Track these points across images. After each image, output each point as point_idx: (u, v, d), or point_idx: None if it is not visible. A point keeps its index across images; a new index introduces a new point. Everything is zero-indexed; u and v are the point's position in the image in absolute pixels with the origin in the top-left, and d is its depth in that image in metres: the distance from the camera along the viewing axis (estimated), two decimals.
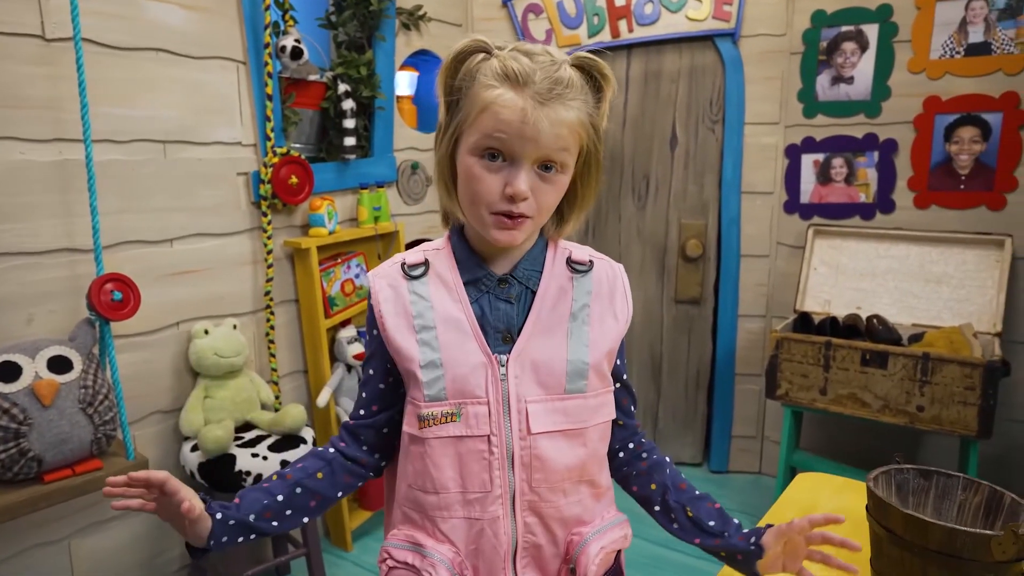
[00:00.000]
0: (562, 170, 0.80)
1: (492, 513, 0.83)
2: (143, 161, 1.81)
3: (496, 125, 0.76)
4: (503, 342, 0.84)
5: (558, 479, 0.84)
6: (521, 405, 0.82)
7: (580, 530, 0.87)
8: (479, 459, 0.83)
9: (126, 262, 1.78)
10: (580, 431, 0.85)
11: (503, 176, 0.78)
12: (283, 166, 2.07)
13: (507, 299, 0.85)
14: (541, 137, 0.76)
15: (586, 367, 0.84)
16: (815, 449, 2.75)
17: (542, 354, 0.83)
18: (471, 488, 0.83)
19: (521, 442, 0.83)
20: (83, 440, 1.48)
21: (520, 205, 0.78)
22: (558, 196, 0.83)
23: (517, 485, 0.83)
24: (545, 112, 0.75)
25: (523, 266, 0.87)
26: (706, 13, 2.68)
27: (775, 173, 2.76)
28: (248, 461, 1.82)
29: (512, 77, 0.76)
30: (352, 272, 2.37)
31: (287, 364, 2.27)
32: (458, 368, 0.82)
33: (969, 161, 2.41)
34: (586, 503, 0.88)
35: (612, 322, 0.87)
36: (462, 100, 0.80)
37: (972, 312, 2.33)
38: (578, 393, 0.84)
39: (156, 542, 1.95)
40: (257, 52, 2.03)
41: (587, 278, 0.88)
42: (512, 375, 0.82)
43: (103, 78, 1.69)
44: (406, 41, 2.59)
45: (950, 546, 0.85)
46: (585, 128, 0.80)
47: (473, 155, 0.79)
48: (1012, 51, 2.30)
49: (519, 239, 0.82)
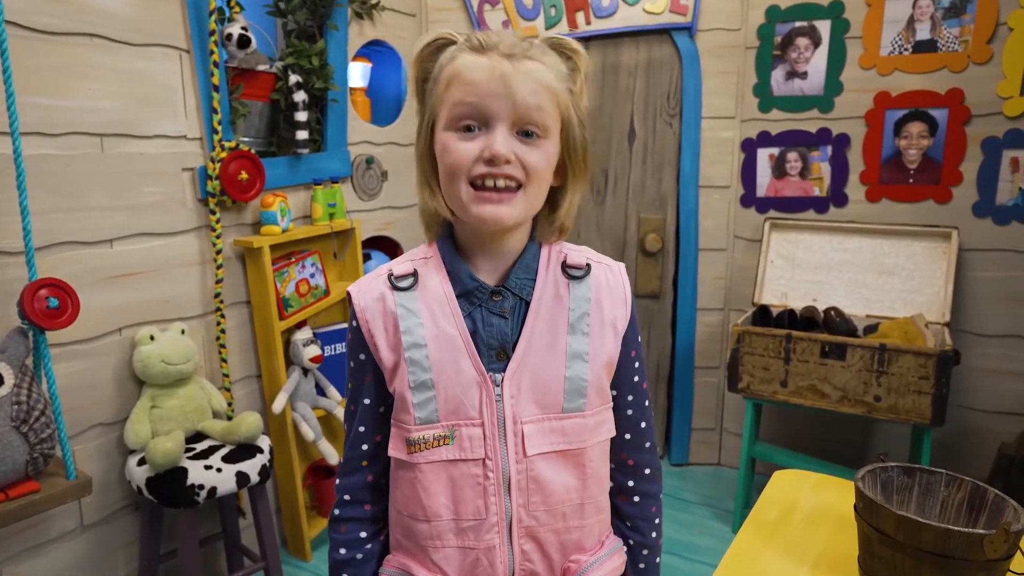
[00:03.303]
0: (544, 134, 0.74)
1: (488, 542, 0.78)
2: (78, 156, 1.67)
3: (465, 89, 0.72)
4: (497, 359, 0.78)
5: (557, 502, 0.79)
6: (517, 427, 0.77)
7: (579, 557, 0.81)
8: (473, 484, 0.77)
9: (60, 264, 1.65)
10: (579, 451, 0.79)
11: (480, 143, 0.73)
12: (232, 161, 1.96)
13: (500, 313, 0.79)
14: (513, 90, 0.71)
15: (585, 384, 0.79)
16: (773, 440, 2.80)
17: (538, 371, 0.78)
18: (465, 515, 0.77)
19: (517, 465, 0.77)
20: (17, 461, 1.36)
21: (504, 168, 0.72)
22: (547, 164, 0.75)
23: (514, 511, 0.78)
24: (514, 65, 0.71)
25: (516, 275, 0.80)
26: (663, 6, 2.67)
27: (732, 167, 2.78)
28: (201, 474, 1.72)
29: (477, 45, 0.73)
30: (307, 272, 2.27)
31: (240, 369, 2.16)
32: (451, 389, 0.76)
33: (917, 156, 2.48)
34: (588, 528, 0.83)
35: (611, 332, 0.81)
36: (431, 85, 0.76)
37: (923, 303, 2.40)
38: (576, 412, 0.79)
39: (100, 563, 1.82)
40: (202, 40, 1.91)
41: (584, 284, 0.81)
42: (508, 395, 0.77)
43: (31, 65, 1.55)
44: (359, 31, 2.49)
45: (943, 546, 0.85)
46: (561, 92, 0.75)
47: (448, 131, 0.74)
48: (957, 49, 2.37)
49: (509, 217, 0.74)
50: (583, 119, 0.78)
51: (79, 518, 1.76)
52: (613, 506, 0.89)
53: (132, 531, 1.89)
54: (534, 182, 0.74)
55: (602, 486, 0.85)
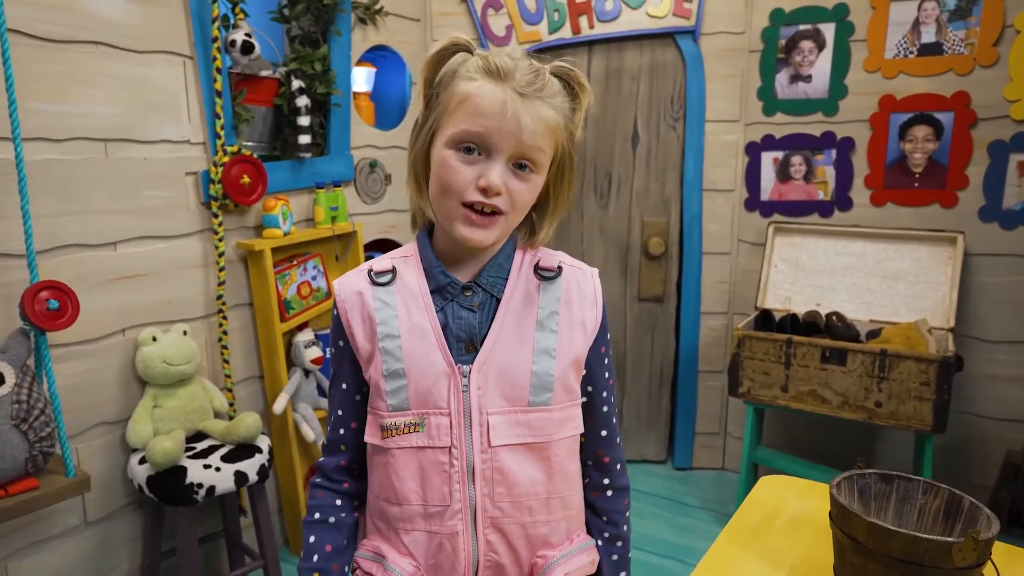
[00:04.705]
0: (536, 170, 0.79)
1: (451, 528, 0.81)
2: (82, 160, 1.71)
3: (475, 116, 0.75)
4: (466, 351, 0.81)
5: (522, 494, 0.81)
6: (483, 417, 0.80)
7: (546, 553, 0.84)
8: (440, 471, 0.80)
9: (64, 267, 1.68)
10: (544, 445, 0.82)
11: (477, 169, 0.76)
12: (234, 165, 1.99)
13: (469, 307, 0.82)
14: (520, 130, 0.75)
15: (551, 379, 0.81)
16: (777, 445, 2.78)
17: (506, 365, 0.81)
18: (432, 501, 0.81)
19: (482, 455, 0.80)
20: (17, 459, 1.39)
21: (493, 199, 0.76)
22: (532, 196, 0.80)
23: (479, 500, 0.80)
24: (525, 106, 0.75)
25: (488, 273, 0.83)
26: (667, 10, 2.67)
27: (736, 171, 2.77)
28: (200, 473, 1.75)
29: (494, 71, 0.75)
30: (309, 274, 2.30)
31: (242, 370, 2.19)
32: (421, 379, 0.80)
33: (923, 159, 2.45)
34: (555, 524, 0.85)
35: (580, 331, 0.84)
36: (441, 94, 0.78)
37: (927, 308, 2.37)
38: (543, 406, 0.81)
39: (103, 559, 1.86)
40: (205, 46, 1.95)
41: (555, 285, 0.84)
42: (475, 386, 0.80)
43: (35, 72, 1.59)
44: (363, 36, 2.52)
45: (912, 554, 0.85)
46: (561, 132, 0.79)
47: (449, 147, 0.77)
48: (962, 52, 2.35)
49: (489, 240, 0.79)
50: (574, 154, 0.83)
51: (83, 515, 1.80)
52: (588, 503, 0.92)
53: (135, 528, 1.93)
54: (517, 210, 0.80)
55: (570, 482, 0.87)
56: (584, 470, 0.92)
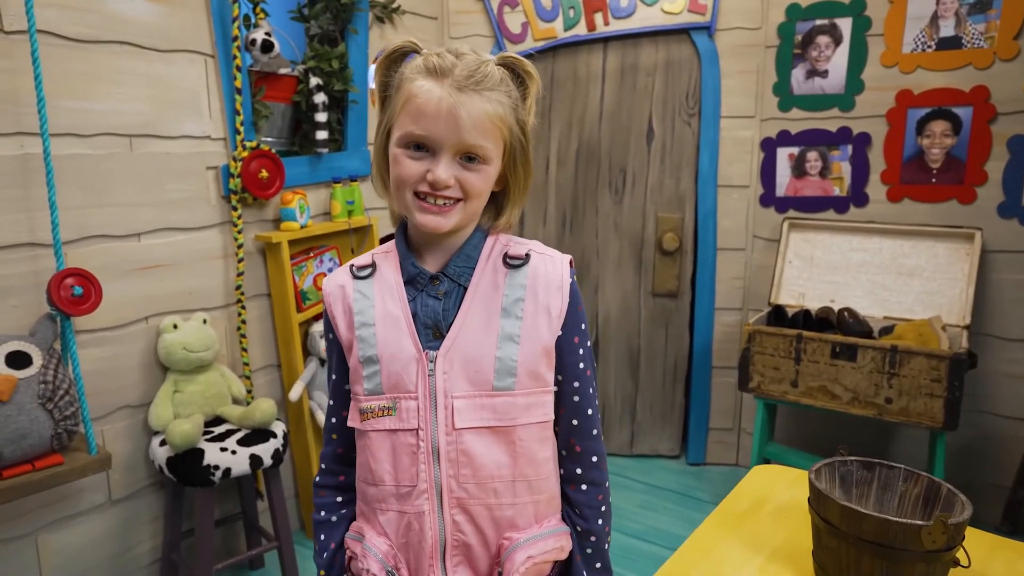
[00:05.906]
0: (485, 161, 0.82)
1: (418, 507, 0.84)
2: (108, 155, 1.80)
3: (417, 117, 0.79)
4: (434, 337, 0.85)
5: (487, 476, 0.84)
6: (448, 400, 0.83)
7: (512, 535, 0.85)
8: (409, 453, 0.84)
9: (91, 256, 1.77)
10: (509, 429, 0.84)
11: (426, 164, 0.81)
12: (253, 160, 2.06)
13: (435, 296, 0.87)
14: (459, 124, 0.78)
15: (515, 365, 0.84)
16: (790, 441, 2.77)
17: (471, 350, 0.84)
18: (403, 481, 0.85)
19: (447, 437, 0.83)
20: (43, 435, 1.48)
21: (444, 191, 0.81)
22: (486, 184, 0.84)
23: (444, 481, 0.84)
24: (462, 99, 0.78)
25: (456, 263, 0.87)
26: (681, 6, 2.68)
27: (751, 166, 2.77)
28: (217, 455, 1.82)
29: (432, 70, 0.79)
30: (325, 267, 2.36)
31: (260, 358, 2.27)
32: (393, 364, 0.85)
33: (940, 155, 2.42)
34: (521, 507, 0.86)
35: (545, 317, 0.85)
36: (392, 96, 0.84)
37: (943, 305, 2.34)
38: (506, 391, 0.84)
39: (127, 536, 1.95)
40: (225, 45, 2.02)
41: (521, 272, 0.87)
42: (440, 370, 0.84)
43: (64, 71, 1.68)
44: (380, 34, 2.57)
45: (883, 536, 0.87)
46: (506, 123, 0.82)
47: (399, 146, 0.82)
48: (982, 45, 2.31)
49: (447, 225, 0.83)
50: (527, 140, 0.86)
51: (107, 493, 1.89)
52: (564, 494, 0.93)
53: (157, 508, 2.02)
54: (473, 198, 0.84)
55: (537, 468, 0.87)
56: (560, 460, 0.92)
